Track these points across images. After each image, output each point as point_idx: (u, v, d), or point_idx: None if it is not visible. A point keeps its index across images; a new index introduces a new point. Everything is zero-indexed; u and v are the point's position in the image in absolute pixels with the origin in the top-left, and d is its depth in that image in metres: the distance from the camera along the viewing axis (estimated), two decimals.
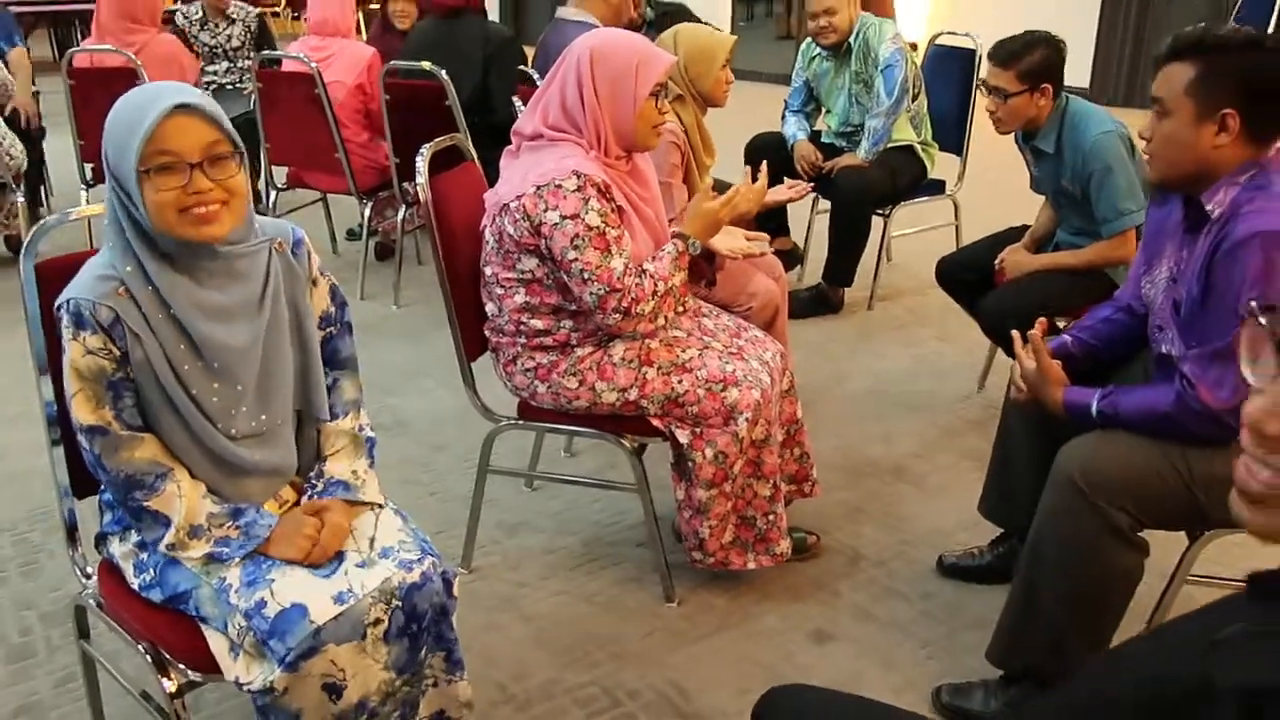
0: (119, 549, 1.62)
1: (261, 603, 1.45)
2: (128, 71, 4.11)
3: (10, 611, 2.32)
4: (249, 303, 1.54)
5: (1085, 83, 7.77)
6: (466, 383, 2.31)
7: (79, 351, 1.45)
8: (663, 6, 4.46)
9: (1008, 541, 2.35)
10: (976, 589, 2.35)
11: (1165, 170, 1.80)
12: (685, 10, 4.37)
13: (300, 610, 1.43)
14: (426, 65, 3.65)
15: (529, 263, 2.10)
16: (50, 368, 1.61)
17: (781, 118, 4.13)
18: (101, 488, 1.65)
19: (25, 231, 4.26)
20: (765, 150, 3.91)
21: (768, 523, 2.25)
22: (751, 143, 4.12)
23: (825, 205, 4.04)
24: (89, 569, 1.71)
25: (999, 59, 2.72)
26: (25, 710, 2.02)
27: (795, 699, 1.26)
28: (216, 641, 1.50)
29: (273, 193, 4.53)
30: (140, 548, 1.58)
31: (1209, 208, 1.74)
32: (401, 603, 1.51)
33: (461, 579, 2.38)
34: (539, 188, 2.03)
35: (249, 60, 5.00)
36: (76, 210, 1.73)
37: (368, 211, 4.23)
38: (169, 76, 4.03)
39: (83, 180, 4.53)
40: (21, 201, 4.32)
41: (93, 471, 1.53)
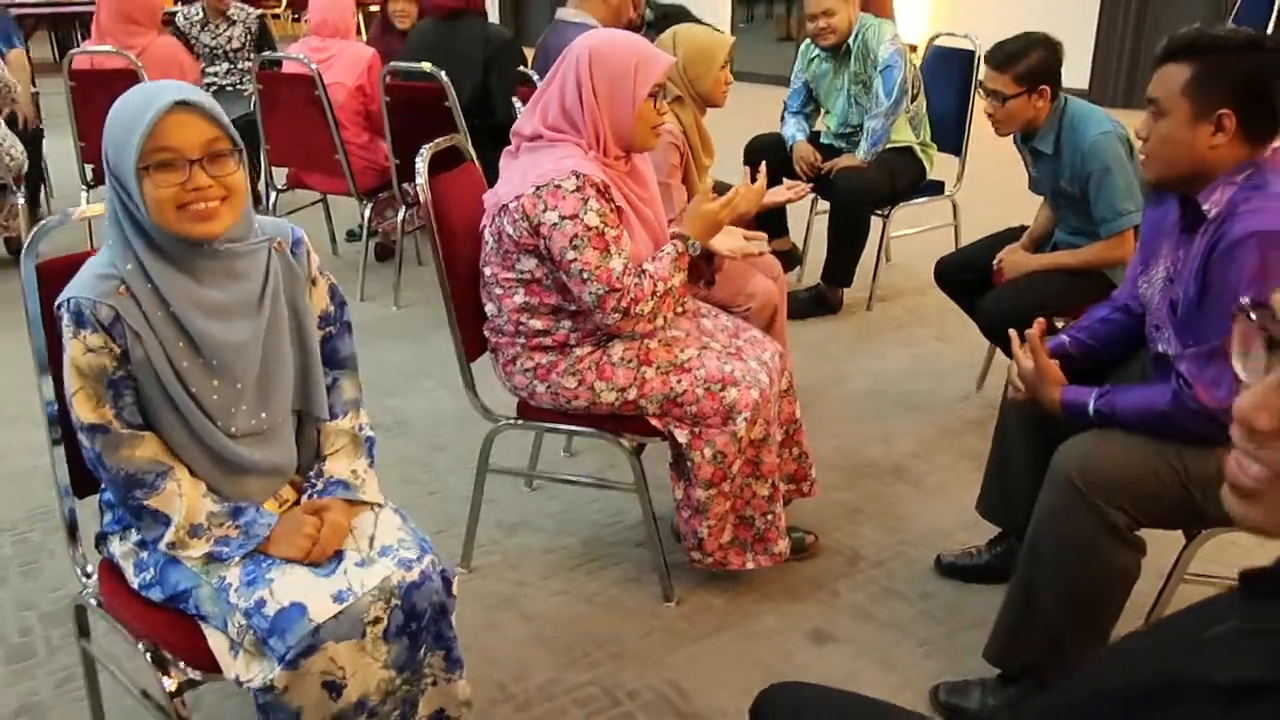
0: (119, 548, 1.62)
1: (261, 601, 1.46)
2: (128, 73, 4.11)
3: (10, 612, 2.32)
4: (248, 301, 1.55)
5: (1084, 83, 7.77)
6: (466, 383, 2.32)
7: (79, 350, 1.46)
8: (662, 8, 4.46)
9: (1006, 541, 2.36)
10: (975, 588, 2.35)
11: (1162, 170, 1.81)
12: (685, 11, 4.37)
13: (300, 609, 1.44)
14: (426, 66, 3.65)
15: (528, 263, 2.11)
16: (51, 367, 1.62)
17: (781, 119, 4.14)
18: (102, 487, 1.66)
19: (25, 233, 4.27)
20: (764, 151, 3.91)
21: (766, 522, 2.26)
22: (751, 144, 4.12)
23: (824, 206, 4.04)
24: (89, 568, 1.72)
25: (996, 61, 2.73)
26: (26, 710, 2.03)
27: (793, 696, 1.26)
28: (216, 640, 1.51)
29: (273, 194, 4.53)
30: (140, 547, 1.59)
31: (1205, 207, 1.75)
32: (401, 601, 1.51)
33: (461, 579, 2.39)
34: (538, 188, 2.03)
35: (249, 61, 5.00)
36: (77, 211, 1.73)
37: (368, 212, 4.23)
38: (169, 78, 4.03)
39: (83, 181, 4.55)
40: (22, 203, 4.33)
41: (93, 470, 1.54)
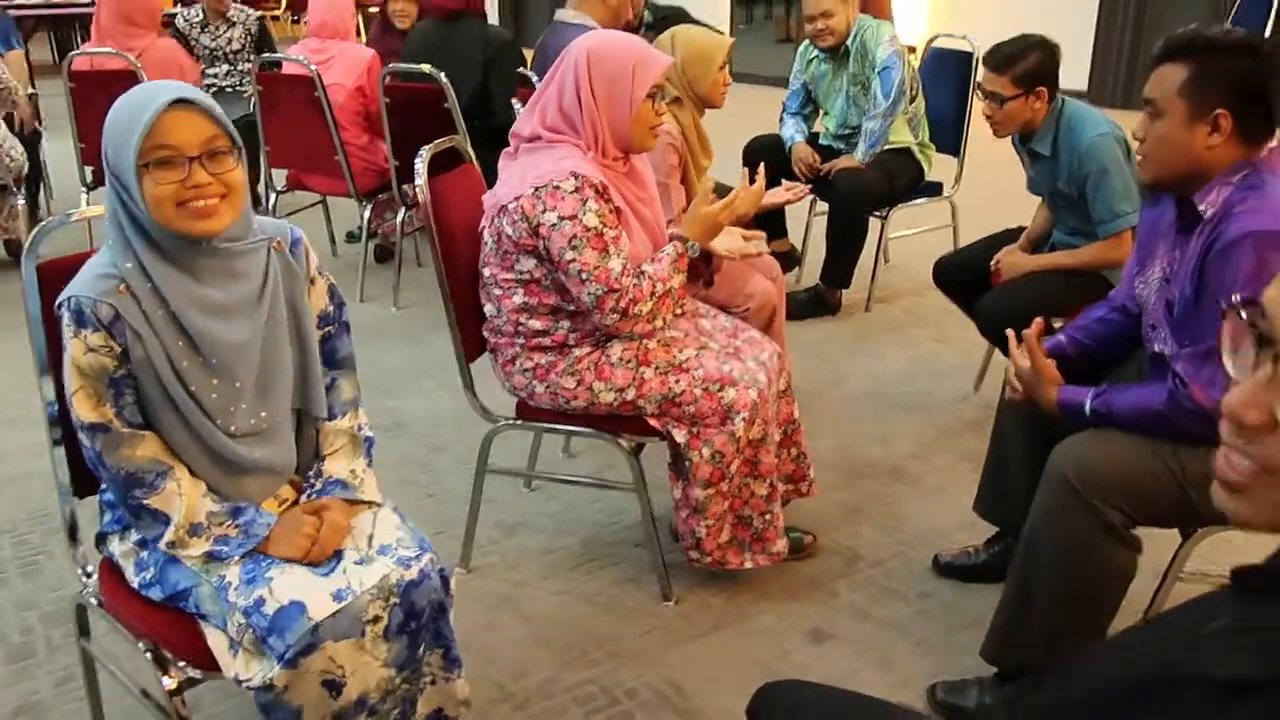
0: (119, 548, 1.63)
1: (260, 600, 1.46)
2: (128, 74, 4.12)
3: (11, 612, 2.32)
4: (247, 300, 1.55)
5: (1083, 85, 7.78)
6: (465, 383, 2.32)
7: (80, 349, 1.46)
8: (661, 9, 4.47)
9: (1003, 540, 2.36)
10: (973, 588, 2.36)
11: (1158, 171, 1.81)
12: (683, 13, 4.38)
13: (299, 607, 1.44)
14: (426, 68, 3.66)
15: (527, 263, 2.12)
16: (51, 368, 1.62)
17: (779, 120, 4.14)
18: (102, 487, 1.66)
19: (25, 234, 4.27)
20: (763, 152, 3.92)
21: (764, 522, 2.26)
22: (749, 145, 4.13)
23: (823, 207, 4.05)
24: (89, 567, 1.72)
25: (994, 63, 2.74)
26: (26, 709, 2.03)
27: (790, 694, 1.26)
28: (216, 639, 1.52)
29: (272, 195, 4.54)
30: (140, 546, 1.59)
31: (1202, 208, 1.75)
32: (400, 600, 1.52)
33: (460, 579, 2.39)
34: (537, 189, 2.04)
35: (249, 63, 5.01)
36: (77, 212, 1.74)
37: (367, 214, 4.24)
38: (169, 79, 4.03)
39: (83, 183, 4.55)
40: (22, 204, 4.33)
41: (93, 469, 1.55)
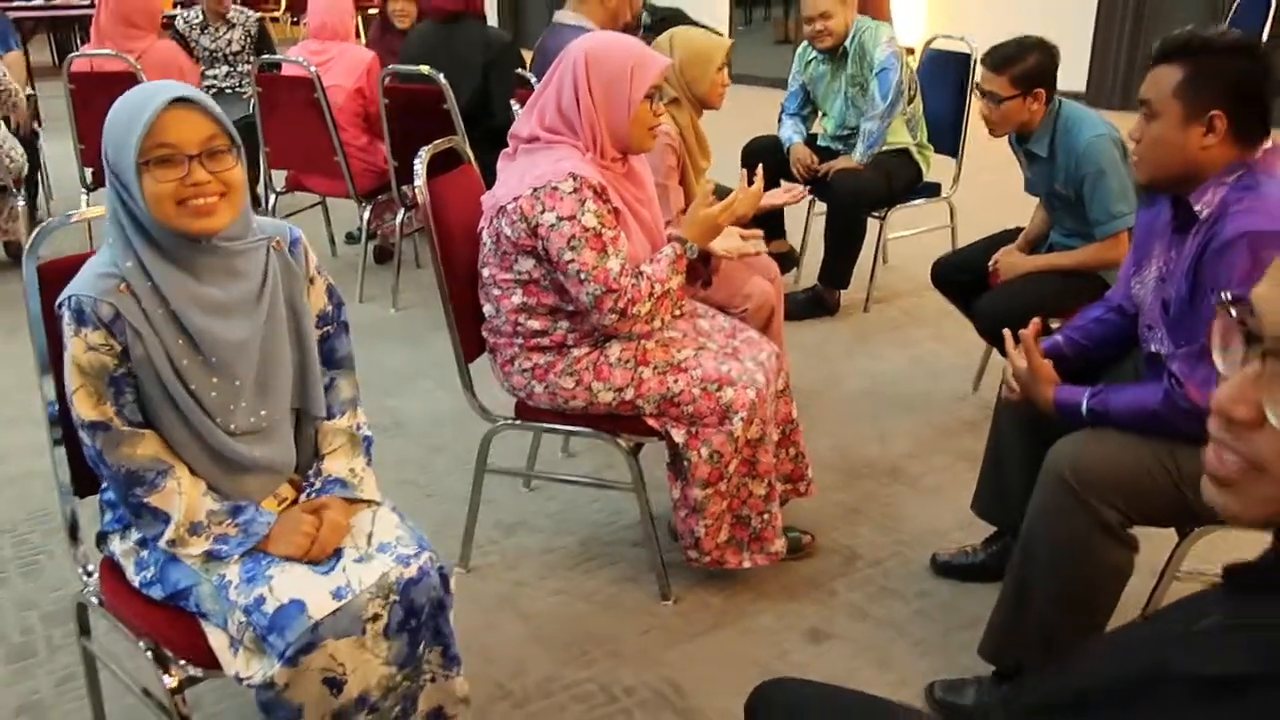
0: (120, 547, 1.63)
1: (261, 599, 1.47)
2: (127, 75, 4.12)
3: (11, 612, 2.33)
4: (247, 299, 1.56)
5: (1082, 86, 7.78)
6: (464, 383, 2.33)
7: (80, 348, 1.47)
8: (659, 11, 4.48)
9: (1001, 540, 2.37)
10: (970, 587, 2.37)
11: (1154, 171, 1.82)
12: (682, 14, 4.39)
13: (299, 606, 1.45)
14: (425, 69, 3.66)
15: (526, 264, 2.12)
16: (52, 368, 1.63)
17: (778, 121, 4.15)
18: (103, 486, 1.67)
19: (25, 235, 4.28)
20: (761, 153, 3.92)
21: (763, 522, 2.27)
22: (748, 146, 4.13)
23: (821, 208, 4.06)
24: (90, 567, 1.73)
25: (993, 64, 2.75)
26: (27, 709, 2.04)
27: (788, 692, 1.27)
28: (216, 637, 1.52)
29: (272, 196, 4.55)
30: (141, 545, 1.60)
31: (1197, 208, 1.76)
32: (399, 597, 1.53)
33: (460, 579, 2.40)
34: (536, 190, 2.05)
35: (249, 64, 5.01)
36: (78, 212, 1.74)
37: (367, 215, 4.25)
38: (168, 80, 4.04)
39: (83, 184, 4.56)
40: (22, 205, 4.34)
41: (94, 467, 1.55)
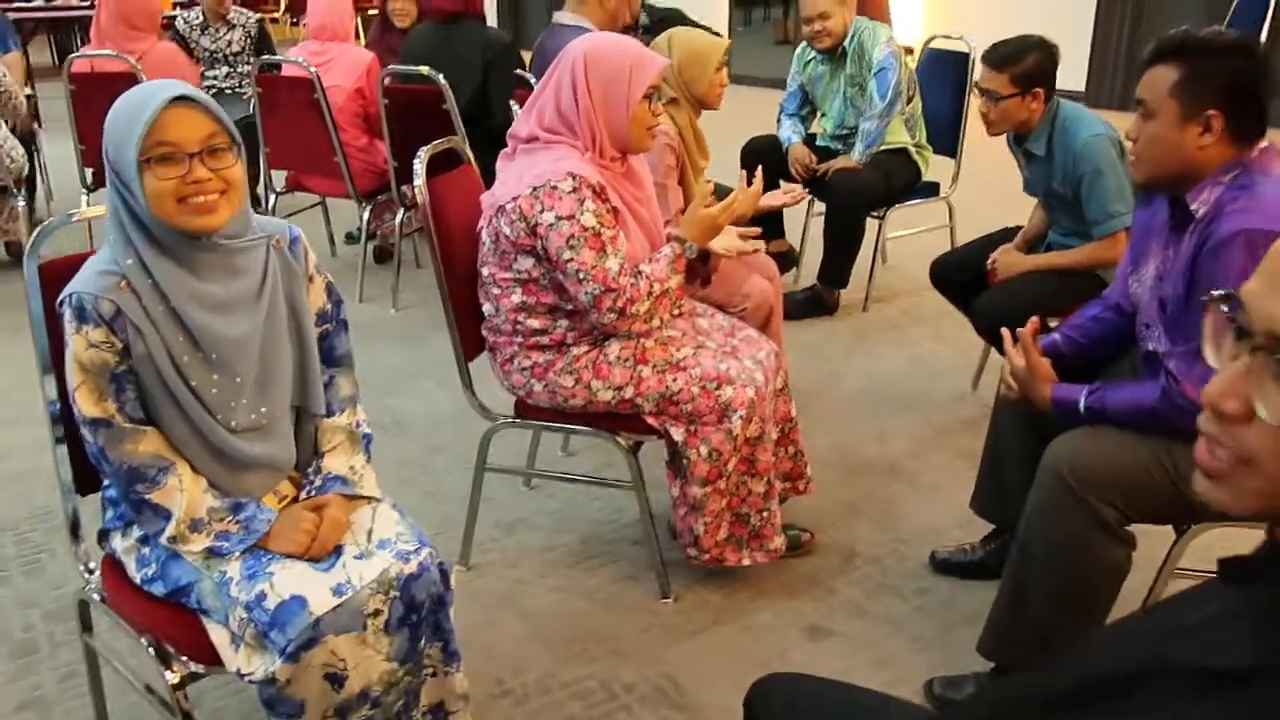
0: (121, 544, 1.64)
1: (262, 595, 1.48)
2: (127, 76, 4.13)
3: (13, 609, 2.34)
4: (247, 296, 1.57)
5: (1081, 86, 7.79)
6: (464, 382, 2.34)
7: (82, 345, 1.48)
8: (658, 11, 4.48)
9: (999, 537, 2.38)
10: (969, 584, 2.37)
11: (1151, 170, 1.83)
12: (681, 15, 4.39)
13: (300, 602, 1.46)
14: (425, 70, 3.67)
15: (525, 263, 2.13)
16: (53, 367, 1.63)
17: (777, 121, 4.16)
18: (105, 484, 1.68)
19: (25, 236, 4.28)
20: (760, 154, 3.93)
21: (762, 519, 2.27)
22: (747, 146, 4.14)
23: (821, 208, 4.07)
24: (92, 564, 1.74)
25: (993, 61, 2.75)
26: (29, 705, 2.04)
27: (787, 687, 1.28)
28: (218, 634, 1.53)
29: (272, 196, 4.55)
30: (142, 542, 1.61)
31: (1194, 207, 1.77)
32: (400, 593, 1.53)
33: (460, 577, 2.41)
34: (535, 189, 2.05)
35: (249, 65, 5.02)
36: (78, 212, 1.75)
37: (366, 215, 4.25)
38: None
39: (83, 184, 4.56)
40: (23, 205, 4.34)
41: (95, 464, 1.56)
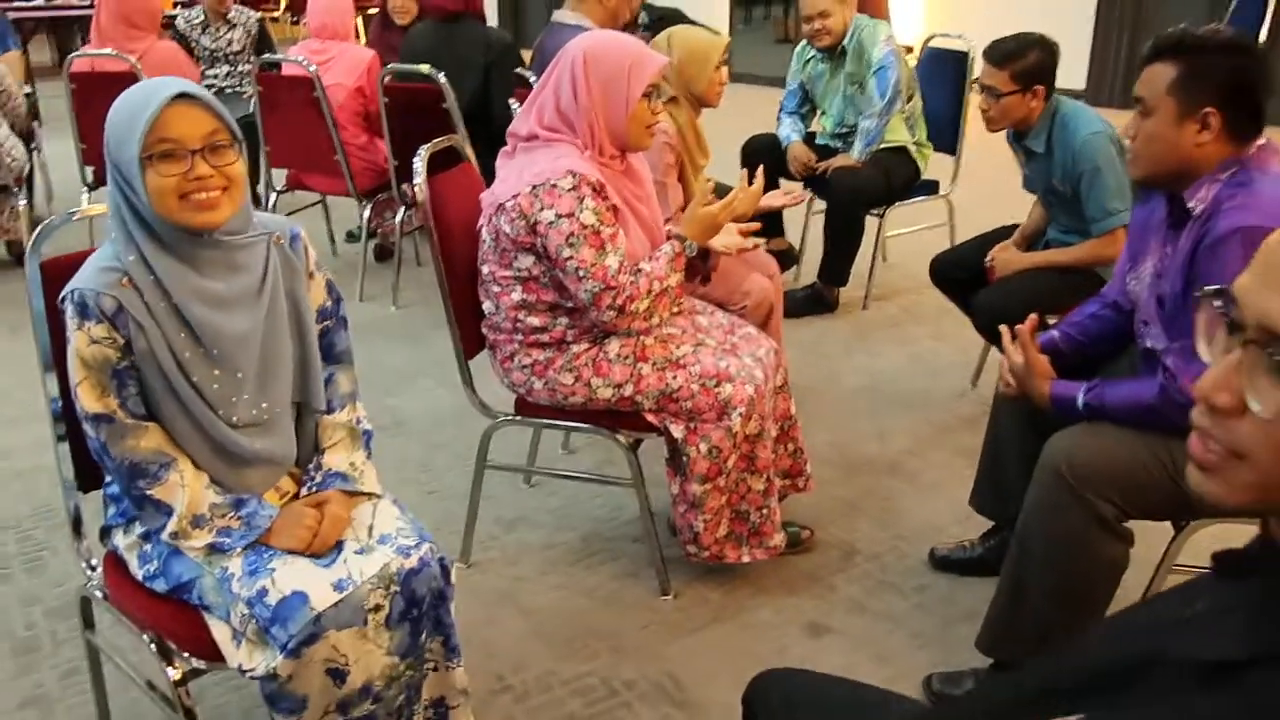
0: (123, 540, 1.65)
1: (263, 591, 1.48)
2: (128, 75, 4.13)
3: (15, 607, 2.34)
4: (248, 292, 1.58)
5: (1081, 84, 7.79)
6: (464, 380, 2.34)
7: (84, 341, 1.48)
8: (658, 10, 4.48)
9: (999, 534, 2.38)
10: (968, 581, 2.38)
11: (1149, 168, 1.83)
12: (680, 14, 4.39)
13: (301, 597, 1.46)
14: (425, 69, 3.67)
15: (525, 261, 2.14)
16: (55, 364, 1.64)
17: (777, 119, 4.16)
18: (107, 481, 1.68)
19: (26, 234, 4.29)
20: (760, 152, 3.94)
21: (761, 517, 2.28)
22: (747, 144, 4.14)
23: (820, 206, 4.07)
24: (94, 561, 1.74)
25: (994, 58, 2.76)
26: (31, 702, 2.05)
27: (785, 683, 1.28)
28: (219, 630, 1.54)
29: (272, 195, 4.56)
30: (144, 539, 1.61)
31: (1191, 205, 1.77)
32: (400, 588, 1.54)
33: (461, 574, 2.41)
34: (535, 187, 2.06)
35: (249, 64, 5.02)
36: (80, 209, 1.76)
37: (367, 213, 4.26)
38: None
39: (84, 183, 4.57)
40: (23, 205, 4.35)
41: (98, 459, 1.57)
